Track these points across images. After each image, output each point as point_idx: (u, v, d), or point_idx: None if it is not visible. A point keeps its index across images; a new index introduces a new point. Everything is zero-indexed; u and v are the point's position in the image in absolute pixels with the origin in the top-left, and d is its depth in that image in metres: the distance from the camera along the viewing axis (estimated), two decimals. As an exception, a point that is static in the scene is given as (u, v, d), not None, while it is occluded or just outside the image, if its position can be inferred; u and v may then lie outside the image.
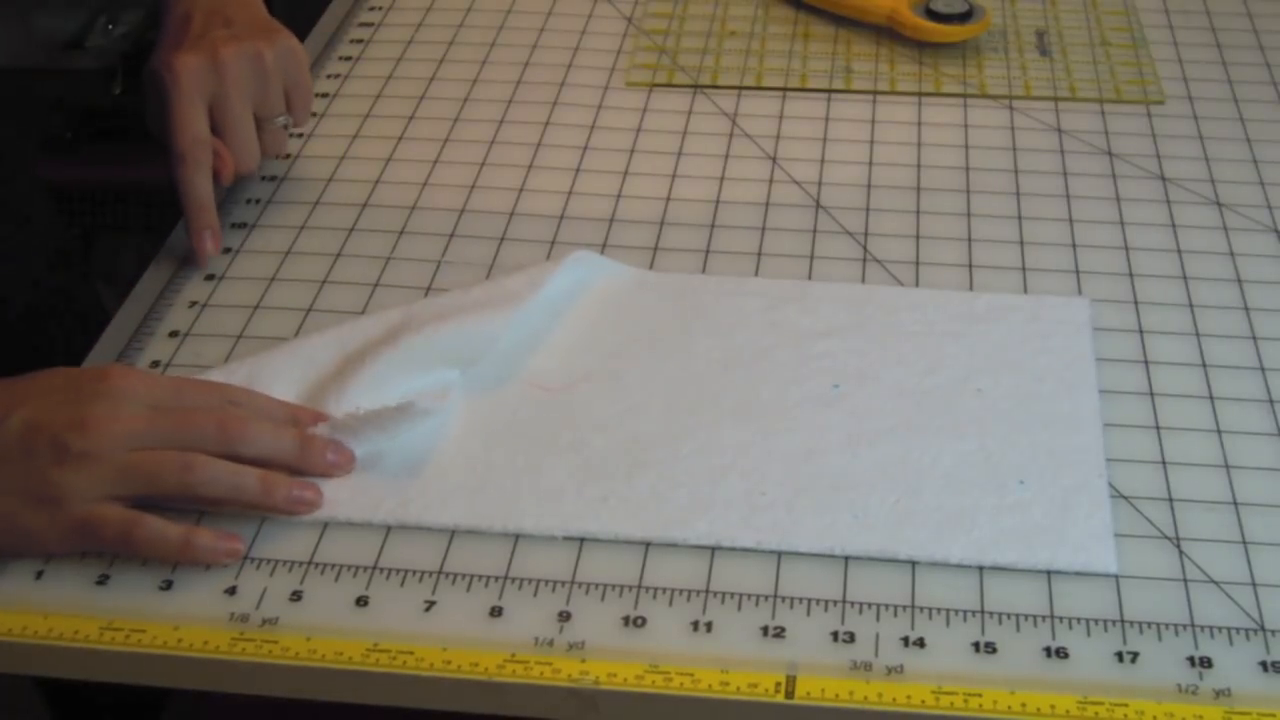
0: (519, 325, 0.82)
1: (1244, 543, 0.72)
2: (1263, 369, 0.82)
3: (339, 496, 0.74)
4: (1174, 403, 0.80)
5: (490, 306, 0.82)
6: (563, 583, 0.70)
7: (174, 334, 0.85)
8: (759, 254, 0.91)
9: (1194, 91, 1.07)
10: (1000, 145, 1.01)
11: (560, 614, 0.68)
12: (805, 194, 0.97)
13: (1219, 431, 0.78)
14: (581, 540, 0.72)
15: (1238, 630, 0.68)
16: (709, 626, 0.68)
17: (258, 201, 0.96)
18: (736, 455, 0.75)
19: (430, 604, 0.69)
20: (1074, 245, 0.91)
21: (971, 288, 0.87)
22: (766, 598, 0.69)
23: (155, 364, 0.82)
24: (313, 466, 0.74)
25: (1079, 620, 0.68)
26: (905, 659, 0.66)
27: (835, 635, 0.68)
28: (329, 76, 1.09)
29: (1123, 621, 0.68)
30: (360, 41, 1.14)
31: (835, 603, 0.69)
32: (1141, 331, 0.85)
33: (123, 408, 0.70)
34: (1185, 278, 0.89)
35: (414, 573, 0.71)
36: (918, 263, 0.90)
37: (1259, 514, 0.73)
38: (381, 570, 0.71)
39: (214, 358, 0.82)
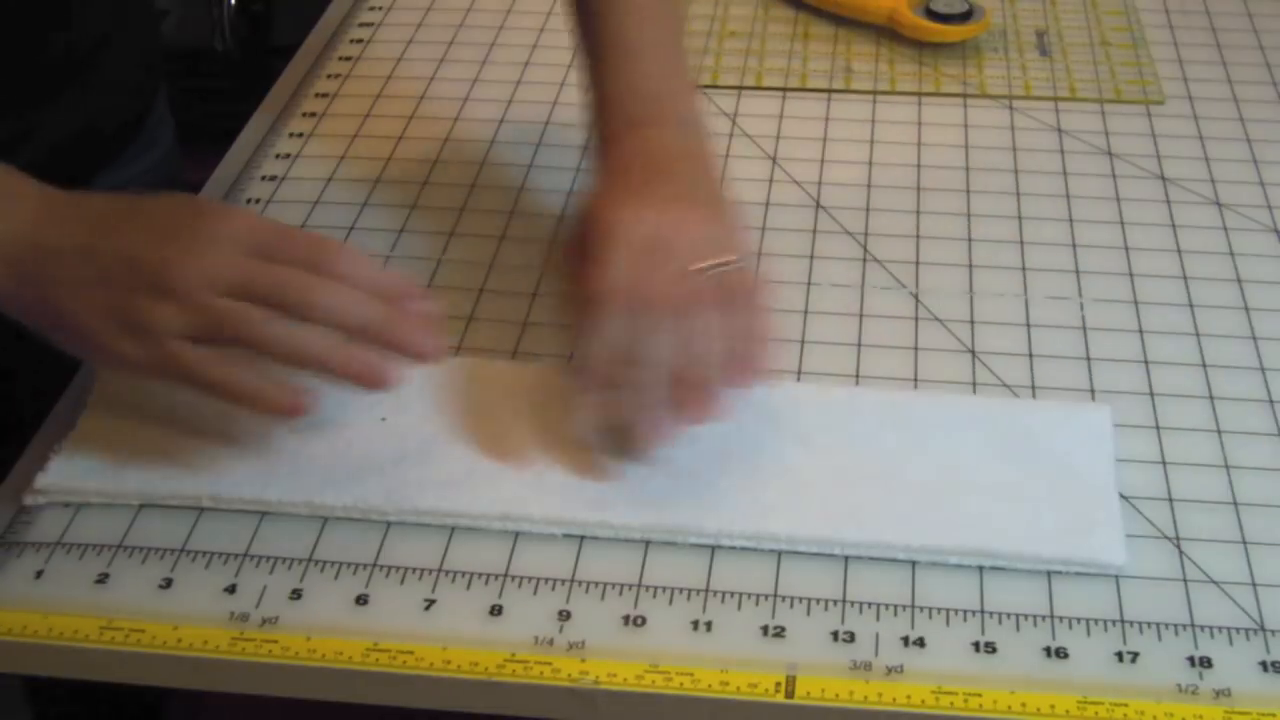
0: None
1: (1244, 543, 0.72)
2: (1263, 369, 0.82)
3: (329, 486, 0.73)
4: (1174, 403, 0.80)
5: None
6: (562, 581, 0.70)
7: (174, 333, 0.85)
8: (759, 254, 0.91)
9: (1194, 91, 1.07)
10: (1000, 145, 1.01)
11: (560, 613, 0.68)
12: (805, 194, 0.96)
13: (1219, 431, 0.78)
14: (581, 538, 0.72)
15: (1238, 630, 0.68)
16: (709, 626, 0.68)
17: (258, 201, 0.96)
18: (735, 454, 0.75)
19: (430, 602, 0.69)
20: (1074, 245, 0.91)
21: (971, 288, 0.87)
22: (766, 597, 0.69)
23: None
24: (400, 343, 0.70)
25: (1079, 620, 0.68)
26: (905, 659, 0.66)
27: (835, 635, 0.68)
28: (329, 76, 1.09)
29: (1123, 621, 0.68)
30: (360, 41, 1.14)
31: (835, 602, 0.69)
32: (1142, 332, 0.84)
33: (213, 250, 0.69)
34: (1185, 278, 0.89)
35: (414, 570, 0.71)
36: (918, 263, 0.90)
37: (1259, 514, 0.73)
38: (381, 568, 0.71)
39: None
